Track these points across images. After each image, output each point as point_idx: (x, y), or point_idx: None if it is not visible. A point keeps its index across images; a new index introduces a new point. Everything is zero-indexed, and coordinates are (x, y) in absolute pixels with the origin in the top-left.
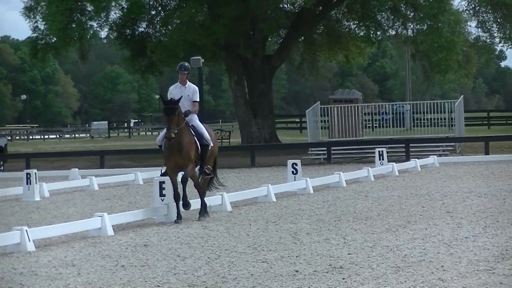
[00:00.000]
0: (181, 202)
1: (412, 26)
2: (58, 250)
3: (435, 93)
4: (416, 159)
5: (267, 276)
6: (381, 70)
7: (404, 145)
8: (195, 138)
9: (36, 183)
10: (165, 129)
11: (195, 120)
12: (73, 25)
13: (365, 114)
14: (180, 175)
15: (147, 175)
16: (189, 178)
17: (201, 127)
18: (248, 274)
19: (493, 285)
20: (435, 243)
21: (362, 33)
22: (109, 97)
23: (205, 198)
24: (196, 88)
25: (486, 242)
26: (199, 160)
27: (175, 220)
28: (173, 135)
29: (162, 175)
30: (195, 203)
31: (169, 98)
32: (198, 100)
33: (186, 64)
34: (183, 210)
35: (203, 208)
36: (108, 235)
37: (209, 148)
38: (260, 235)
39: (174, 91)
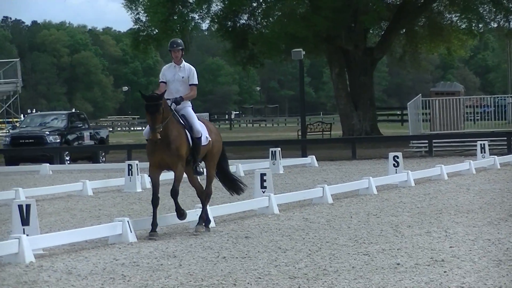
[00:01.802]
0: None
1: None
2: (160, 241)
3: None
4: None
5: (368, 269)
6: (483, 63)
7: (505, 138)
8: (186, 130)
9: (137, 174)
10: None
11: (187, 108)
12: (175, 17)
13: (466, 107)
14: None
15: (248, 167)
16: (191, 185)
17: (192, 116)
18: (349, 267)
19: None
20: None
21: (463, 26)
22: (210, 88)
23: (302, 191)
24: (193, 68)
25: None
26: (191, 157)
27: (149, 233)
28: (159, 136)
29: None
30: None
31: (160, 79)
32: (196, 82)
33: (179, 40)
34: (179, 220)
35: (203, 218)
36: (209, 226)
37: (205, 143)
38: (361, 228)
39: (167, 72)
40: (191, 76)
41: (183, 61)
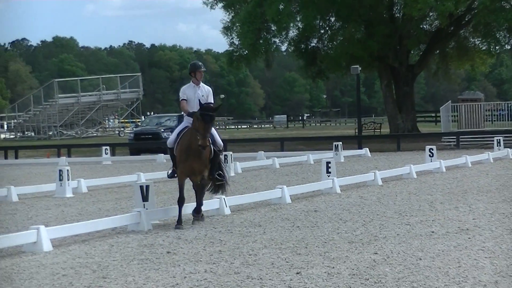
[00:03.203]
0: (185, 206)
1: None
2: (248, 214)
3: None
4: None
5: (409, 236)
6: (499, 76)
7: None
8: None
9: (231, 162)
10: (180, 132)
11: None
12: (261, 41)
13: (486, 110)
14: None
15: (317, 157)
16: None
17: (215, 133)
18: (395, 234)
19: None
20: None
21: (484, 48)
22: (287, 96)
23: (358, 176)
24: (210, 89)
25: None
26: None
27: (176, 226)
28: (208, 144)
29: (169, 177)
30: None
31: (180, 97)
32: (213, 102)
33: (200, 62)
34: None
35: (198, 209)
36: (286, 202)
37: (220, 154)
38: (404, 204)
39: (188, 91)
40: (210, 95)
41: (201, 82)
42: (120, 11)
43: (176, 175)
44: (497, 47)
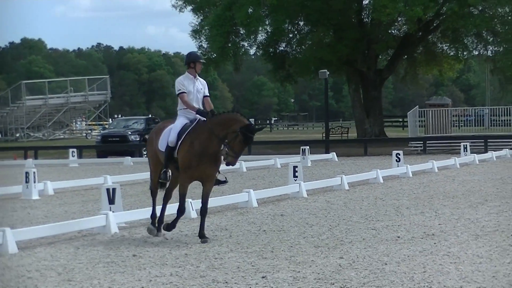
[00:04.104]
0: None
1: (491, 48)
2: (215, 218)
3: (508, 100)
4: (493, 152)
5: (375, 240)
6: (466, 82)
7: (483, 140)
8: None
9: None
10: (181, 131)
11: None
12: (229, 45)
13: (453, 116)
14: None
15: (284, 161)
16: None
17: None
18: (361, 238)
19: None
20: (506, 217)
21: (452, 53)
22: (255, 100)
23: (325, 180)
24: (205, 82)
25: None
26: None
27: (157, 234)
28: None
29: (162, 179)
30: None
31: (180, 90)
32: (208, 95)
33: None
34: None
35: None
36: (253, 206)
37: None
38: (370, 209)
39: (186, 83)
40: (206, 89)
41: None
42: (89, 13)
43: (168, 177)
44: (465, 53)
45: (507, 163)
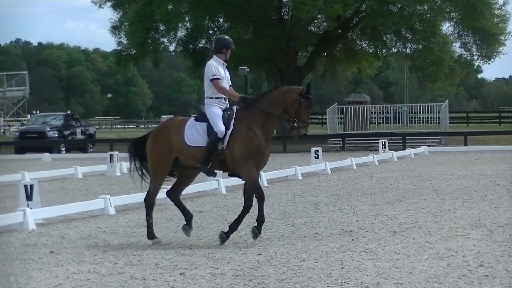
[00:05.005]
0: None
1: (410, 45)
2: (133, 214)
3: (427, 98)
4: (411, 149)
5: (293, 237)
6: (385, 79)
7: (401, 137)
8: None
9: (117, 162)
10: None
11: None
12: (149, 41)
13: (372, 113)
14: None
15: None
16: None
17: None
18: (279, 235)
19: (468, 247)
20: (423, 213)
21: (371, 51)
22: (175, 96)
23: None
24: None
25: (463, 213)
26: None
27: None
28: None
29: (210, 175)
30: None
31: (216, 75)
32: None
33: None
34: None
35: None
36: (171, 203)
37: None
38: (288, 205)
39: (220, 68)
40: (230, 77)
41: None
42: (7, 8)
43: (215, 173)
44: (384, 50)
45: (425, 160)
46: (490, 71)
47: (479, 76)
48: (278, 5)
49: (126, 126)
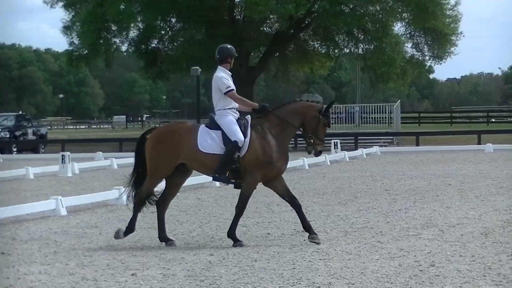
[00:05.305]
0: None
1: (362, 46)
2: (85, 215)
3: (379, 98)
4: (363, 149)
5: (245, 237)
6: (338, 79)
7: (353, 137)
8: None
9: (69, 162)
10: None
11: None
12: (101, 41)
13: None
14: None
15: None
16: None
17: None
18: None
19: (419, 247)
20: (375, 213)
21: (323, 51)
22: (127, 97)
23: (195, 177)
24: None
25: (415, 213)
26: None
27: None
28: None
29: (226, 182)
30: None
31: (230, 87)
32: None
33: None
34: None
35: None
36: (124, 203)
37: None
38: None
39: (231, 80)
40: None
41: None
42: None
43: (231, 181)
44: (336, 51)
45: (376, 160)
46: (442, 71)
47: (431, 76)
48: (230, 5)
49: (77, 127)
